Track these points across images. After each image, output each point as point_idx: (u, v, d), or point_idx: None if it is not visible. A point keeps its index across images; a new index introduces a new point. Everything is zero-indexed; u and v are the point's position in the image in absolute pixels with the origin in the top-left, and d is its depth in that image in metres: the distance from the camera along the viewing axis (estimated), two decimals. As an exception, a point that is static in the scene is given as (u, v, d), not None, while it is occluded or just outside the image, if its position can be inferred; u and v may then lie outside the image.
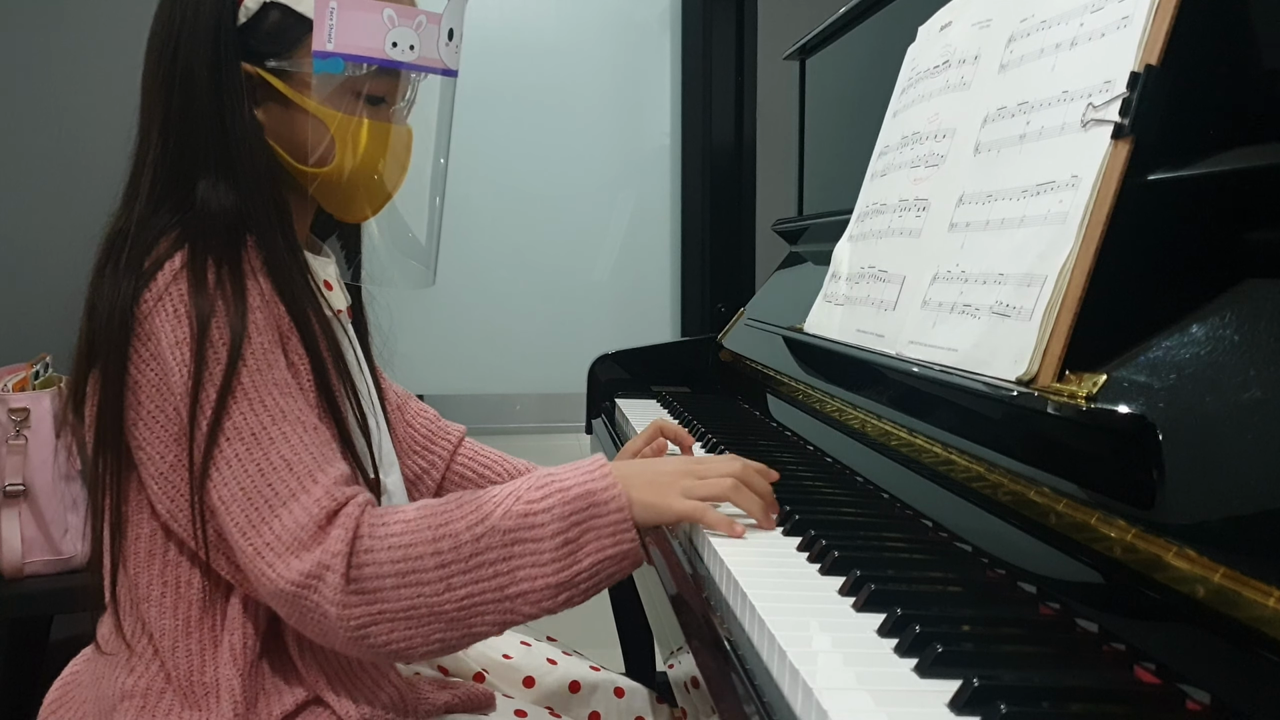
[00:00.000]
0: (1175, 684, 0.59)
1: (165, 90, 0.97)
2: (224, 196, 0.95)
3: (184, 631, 0.95)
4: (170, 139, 0.97)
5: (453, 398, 2.59)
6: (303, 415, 0.92)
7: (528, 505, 0.88)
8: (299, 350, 0.96)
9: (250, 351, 0.91)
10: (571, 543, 0.87)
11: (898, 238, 1.14)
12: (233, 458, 0.89)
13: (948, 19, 1.19)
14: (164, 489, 0.92)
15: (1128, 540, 0.66)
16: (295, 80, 0.97)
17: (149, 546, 0.96)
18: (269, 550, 0.87)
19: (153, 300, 0.91)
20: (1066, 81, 0.88)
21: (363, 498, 0.91)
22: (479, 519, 0.88)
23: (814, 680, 0.60)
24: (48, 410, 1.89)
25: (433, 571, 0.87)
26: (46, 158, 2.29)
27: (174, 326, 0.90)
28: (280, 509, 0.88)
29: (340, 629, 0.87)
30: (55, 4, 2.29)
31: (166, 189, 0.96)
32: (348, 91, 0.98)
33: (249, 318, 0.91)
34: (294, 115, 0.98)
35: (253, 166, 0.96)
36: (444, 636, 0.88)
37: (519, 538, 0.87)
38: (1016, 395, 0.81)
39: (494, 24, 2.65)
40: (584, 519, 0.88)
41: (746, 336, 1.75)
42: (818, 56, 1.88)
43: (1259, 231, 0.71)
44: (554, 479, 0.90)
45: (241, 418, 0.89)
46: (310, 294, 0.99)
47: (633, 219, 2.77)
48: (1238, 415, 0.63)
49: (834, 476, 1.14)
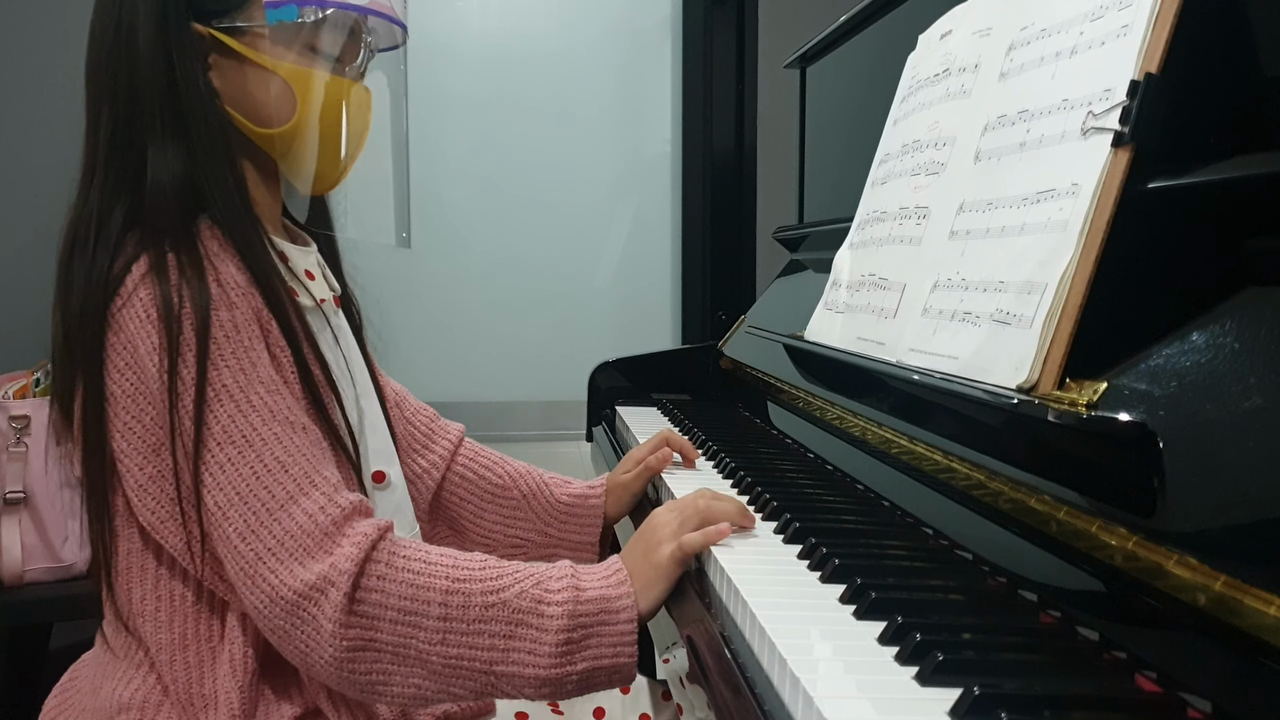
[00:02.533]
0: (1176, 692, 0.59)
1: (111, 62, 0.94)
2: (176, 163, 0.93)
3: (180, 645, 0.94)
4: (120, 113, 0.94)
5: (453, 404, 2.58)
6: (291, 414, 0.91)
7: (544, 593, 0.88)
8: (280, 342, 0.94)
9: (230, 350, 0.89)
10: (573, 644, 0.87)
11: (898, 245, 1.14)
12: (225, 462, 0.88)
13: (948, 27, 1.19)
14: (144, 501, 0.91)
15: (1129, 548, 0.66)
16: (248, 36, 0.96)
17: (141, 560, 0.95)
18: (271, 556, 0.86)
19: (122, 303, 0.89)
20: (1066, 90, 0.88)
21: (384, 522, 0.90)
22: (495, 588, 0.88)
23: (814, 688, 0.60)
24: (48, 418, 1.89)
25: (435, 620, 0.86)
26: (46, 164, 2.28)
27: (149, 331, 0.88)
28: (280, 512, 0.87)
29: (329, 647, 0.85)
30: (55, 4, 2.27)
31: (124, 168, 0.93)
32: (303, 44, 0.97)
33: (223, 314, 0.89)
34: (249, 74, 0.96)
35: (208, 131, 0.94)
36: (420, 685, 0.88)
37: (525, 621, 0.87)
38: (1017, 403, 0.81)
39: (495, 31, 2.66)
40: (592, 623, 0.88)
41: (747, 344, 1.75)
42: (818, 65, 1.89)
43: (1259, 239, 0.71)
44: (577, 577, 0.90)
45: (230, 420, 0.88)
46: (274, 266, 0.96)
47: (633, 226, 2.77)
48: (1239, 423, 0.63)
49: (834, 484, 1.14)
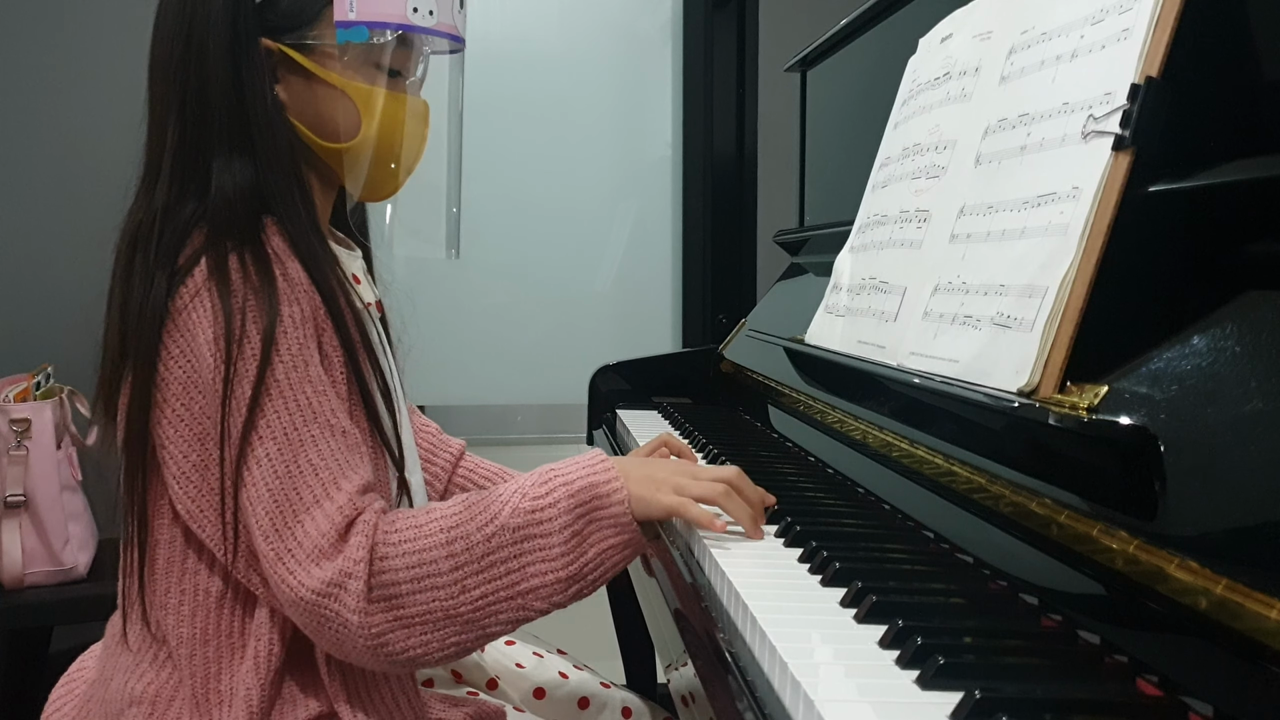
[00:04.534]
0: (1178, 696, 0.59)
1: (181, 74, 0.96)
2: (242, 175, 0.95)
3: (201, 639, 0.95)
4: (189, 123, 0.96)
5: (454, 408, 2.59)
6: (333, 417, 0.92)
7: (534, 502, 0.90)
8: (333, 341, 0.95)
9: (285, 346, 0.90)
10: (578, 535, 0.89)
11: (899, 249, 1.14)
12: (263, 457, 0.89)
13: (948, 31, 1.20)
14: (185, 489, 0.92)
15: (1130, 552, 0.66)
16: (317, 53, 0.98)
17: (168, 552, 0.95)
18: (290, 557, 0.87)
19: (189, 296, 0.91)
20: (1067, 93, 0.88)
21: (378, 504, 0.91)
22: (489, 519, 0.89)
23: (815, 692, 0.60)
24: (49, 421, 1.89)
25: (447, 575, 0.88)
26: (48, 167, 2.28)
27: (211, 322, 0.90)
28: (304, 515, 0.88)
29: (360, 637, 0.87)
30: (55, 7, 2.28)
31: (189, 175, 0.96)
32: (369, 63, 0.99)
33: (284, 310, 0.91)
34: (316, 90, 0.99)
35: (274, 144, 0.96)
36: (460, 639, 0.89)
37: (528, 534, 0.89)
38: (1018, 407, 0.81)
39: (496, 35, 2.66)
40: (588, 511, 0.90)
41: (748, 347, 1.75)
42: (819, 68, 1.89)
43: (1260, 243, 0.71)
44: (556, 474, 0.92)
45: (275, 415, 0.89)
46: (338, 277, 0.98)
47: (634, 230, 2.77)
48: (1239, 426, 0.63)
49: (835, 487, 1.14)
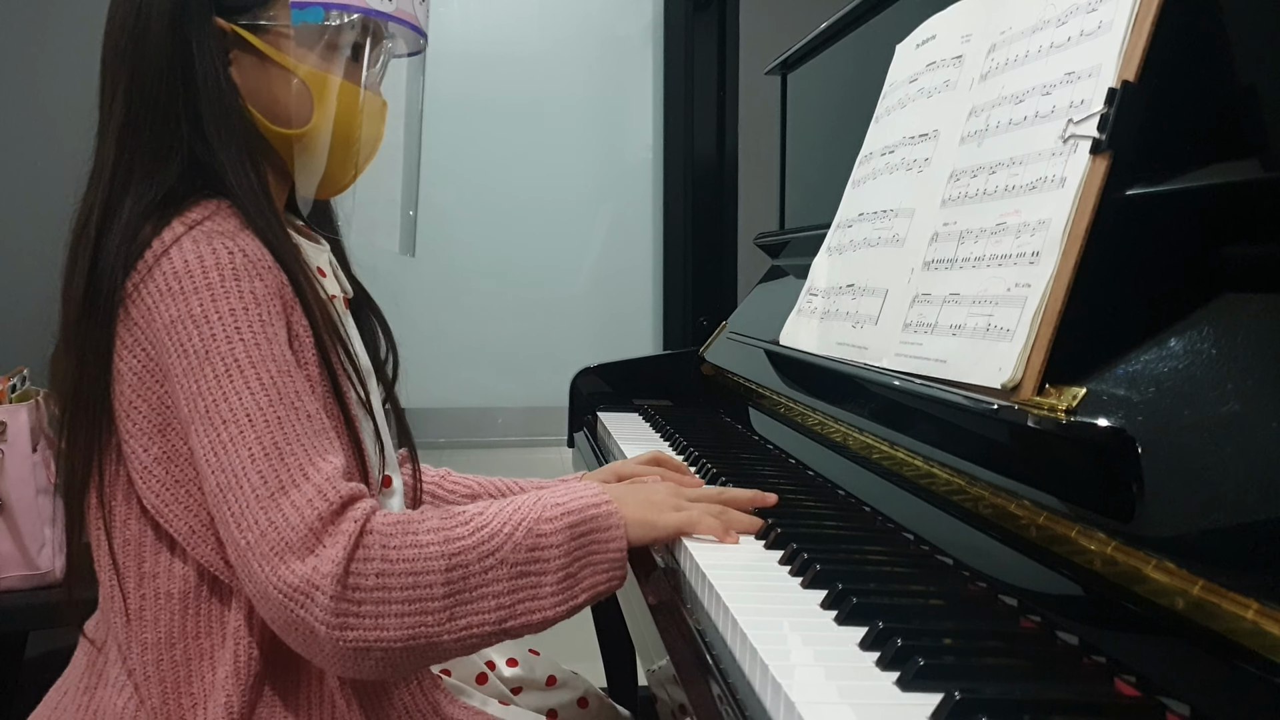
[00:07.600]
0: (1155, 696, 0.60)
1: (128, 52, 0.93)
2: (194, 156, 0.92)
3: (166, 643, 0.90)
4: (134, 102, 0.92)
5: (433, 411, 2.58)
6: (299, 400, 0.87)
7: (536, 539, 0.88)
8: (303, 321, 0.92)
9: (249, 323, 0.87)
10: (571, 577, 0.89)
11: (880, 248, 1.14)
12: (227, 440, 0.84)
13: (929, 34, 1.20)
14: (149, 483, 0.89)
15: (1108, 553, 0.66)
16: (271, 34, 0.95)
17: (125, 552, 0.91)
18: (256, 547, 0.82)
19: (138, 280, 0.87)
20: (1045, 97, 0.89)
21: (366, 505, 0.86)
22: (490, 549, 0.86)
23: (795, 694, 0.60)
24: (25, 424, 1.87)
25: (440, 600, 0.84)
26: (14, 165, 2.25)
27: (167, 305, 0.86)
28: (268, 502, 0.83)
29: (329, 647, 0.82)
30: (10, 3, 2.24)
31: (136, 157, 0.92)
32: (326, 47, 0.96)
33: (244, 285, 0.87)
34: (270, 73, 0.96)
35: (227, 126, 0.93)
36: (434, 659, 0.89)
37: (525, 571, 0.87)
38: (997, 409, 0.81)
39: (476, 36, 2.65)
40: (584, 554, 0.89)
41: (728, 350, 1.75)
42: (799, 71, 1.89)
43: (1236, 246, 0.71)
44: (559, 507, 0.90)
45: (237, 397, 0.85)
46: (301, 262, 0.95)
47: (614, 232, 2.76)
48: (1216, 428, 0.64)
49: (816, 490, 1.14)
